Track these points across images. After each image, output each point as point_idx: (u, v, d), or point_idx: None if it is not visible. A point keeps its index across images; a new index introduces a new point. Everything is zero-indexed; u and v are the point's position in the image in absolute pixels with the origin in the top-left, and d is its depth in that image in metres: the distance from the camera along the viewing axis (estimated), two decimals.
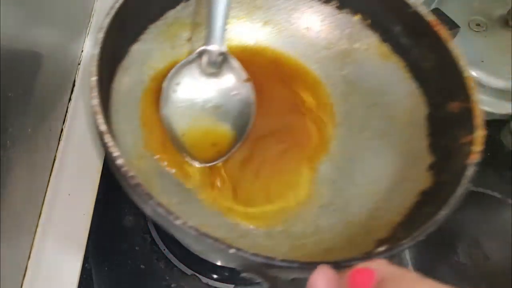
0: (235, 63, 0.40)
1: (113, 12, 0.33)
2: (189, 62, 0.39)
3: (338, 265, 0.25)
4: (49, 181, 0.45)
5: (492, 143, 0.52)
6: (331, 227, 0.36)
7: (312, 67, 0.45)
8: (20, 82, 0.38)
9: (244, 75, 0.40)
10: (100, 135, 0.28)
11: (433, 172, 0.36)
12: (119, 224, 0.44)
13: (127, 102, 0.36)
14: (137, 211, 0.44)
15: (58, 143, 0.47)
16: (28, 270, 0.40)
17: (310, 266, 0.25)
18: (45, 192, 0.44)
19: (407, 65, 0.41)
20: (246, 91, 0.40)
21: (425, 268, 0.42)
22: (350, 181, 0.40)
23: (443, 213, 0.30)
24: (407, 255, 0.43)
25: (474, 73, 0.53)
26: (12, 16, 0.36)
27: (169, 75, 0.38)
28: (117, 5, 0.33)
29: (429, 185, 0.35)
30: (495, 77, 0.52)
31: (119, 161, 0.27)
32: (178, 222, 0.26)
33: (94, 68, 0.30)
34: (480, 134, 0.33)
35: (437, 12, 0.52)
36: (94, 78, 0.29)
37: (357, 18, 0.43)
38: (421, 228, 0.29)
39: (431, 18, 0.38)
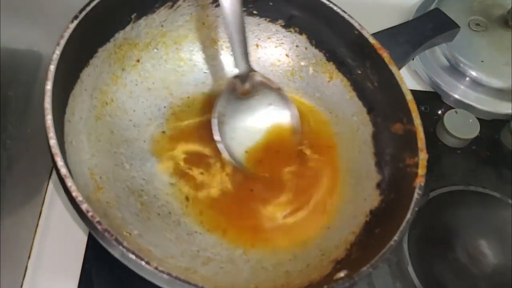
0: (263, 78, 0.40)
1: (62, 42, 0.32)
2: (226, 92, 0.39)
3: None
4: (49, 180, 0.45)
5: (492, 143, 0.53)
6: (288, 248, 0.37)
7: None
8: (20, 82, 0.38)
9: (275, 86, 0.41)
10: (61, 179, 0.29)
11: (380, 191, 0.37)
12: None
13: (80, 131, 0.36)
14: None
15: None
16: (28, 270, 0.40)
17: None
18: (45, 192, 0.44)
19: (352, 84, 0.43)
20: (281, 98, 0.41)
21: (424, 268, 0.42)
22: None
23: (395, 238, 0.31)
24: (406, 254, 0.43)
25: (474, 73, 0.53)
26: (12, 16, 0.36)
27: (214, 110, 0.38)
28: (67, 35, 0.33)
29: (377, 204, 0.37)
30: (495, 77, 0.52)
31: (84, 206, 0.28)
32: (149, 267, 0.27)
33: (48, 106, 0.30)
34: (424, 157, 0.35)
35: (437, 12, 0.52)
36: (49, 117, 0.29)
37: (303, 37, 0.44)
38: (379, 254, 0.30)
39: (374, 41, 0.39)
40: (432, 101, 0.55)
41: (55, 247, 0.41)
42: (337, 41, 0.43)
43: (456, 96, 0.54)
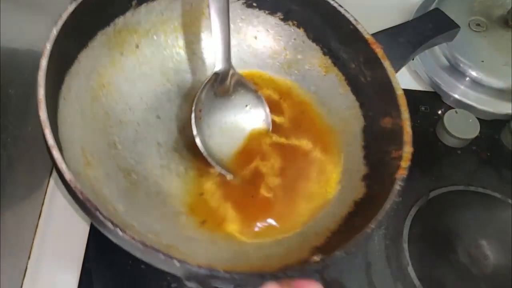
0: (242, 78, 0.41)
1: (60, 22, 0.33)
2: (205, 88, 0.40)
3: (276, 276, 0.28)
4: (49, 180, 0.45)
5: (492, 143, 0.53)
6: (271, 235, 0.38)
7: None
8: (21, 81, 0.38)
9: (252, 87, 0.42)
10: (49, 149, 0.29)
11: (365, 183, 0.38)
12: None
13: (74, 110, 0.36)
14: None
15: None
16: (28, 270, 0.40)
17: (250, 278, 0.28)
18: (45, 191, 0.44)
19: (346, 79, 0.43)
20: (257, 100, 0.42)
21: (425, 268, 0.42)
22: None
23: (372, 226, 0.32)
24: (407, 255, 0.43)
25: (474, 73, 0.53)
26: (12, 16, 0.36)
27: (193, 104, 0.39)
28: (65, 16, 0.33)
29: (361, 196, 0.37)
30: (495, 77, 0.52)
31: (68, 176, 0.28)
32: (126, 236, 0.28)
33: (41, 81, 0.30)
34: (408, 150, 0.35)
35: (437, 12, 0.52)
36: (42, 91, 0.30)
37: (301, 30, 0.45)
38: (353, 240, 0.31)
39: (368, 36, 0.40)
40: (432, 101, 0.55)
41: (55, 247, 0.41)
42: (333, 36, 0.43)
43: (456, 96, 0.54)
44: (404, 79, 0.56)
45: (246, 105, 0.42)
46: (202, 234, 0.37)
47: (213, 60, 0.43)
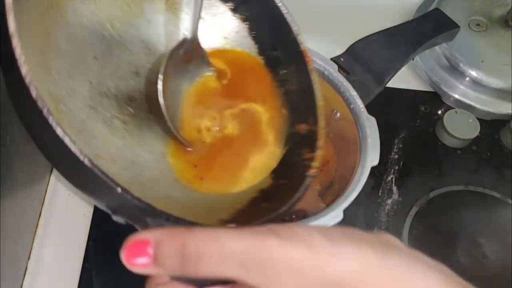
0: (203, 50, 0.43)
1: None
2: (173, 53, 0.41)
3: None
4: (49, 180, 0.45)
5: (492, 143, 0.53)
6: (181, 197, 0.39)
7: None
8: None
9: (208, 60, 0.44)
10: (9, 38, 0.28)
11: (273, 176, 0.41)
12: (120, 224, 0.44)
13: (21, 18, 0.35)
14: None
15: None
16: (28, 270, 0.40)
17: (184, 223, 0.29)
18: (45, 192, 0.44)
19: (274, 82, 0.46)
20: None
21: None
22: None
23: (284, 208, 0.35)
24: None
25: (474, 73, 0.53)
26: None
27: (161, 69, 0.40)
28: None
29: (267, 186, 0.41)
30: (495, 77, 0.53)
31: (24, 69, 0.27)
32: (73, 147, 0.27)
33: None
34: (319, 153, 0.39)
35: (437, 12, 0.52)
36: None
37: (245, 25, 0.46)
38: (266, 216, 0.34)
39: (304, 48, 0.43)
40: (432, 101, 0.55)
41: (55, 247, 0.42)
42: (273, 39, 0.45)
43: (456, 96, 0.54)
44: (404, 79, 0.56)
45: (199, 76, 0.44)
46: (121, 179, 0.37)
47: (159, 25, 0.46)
